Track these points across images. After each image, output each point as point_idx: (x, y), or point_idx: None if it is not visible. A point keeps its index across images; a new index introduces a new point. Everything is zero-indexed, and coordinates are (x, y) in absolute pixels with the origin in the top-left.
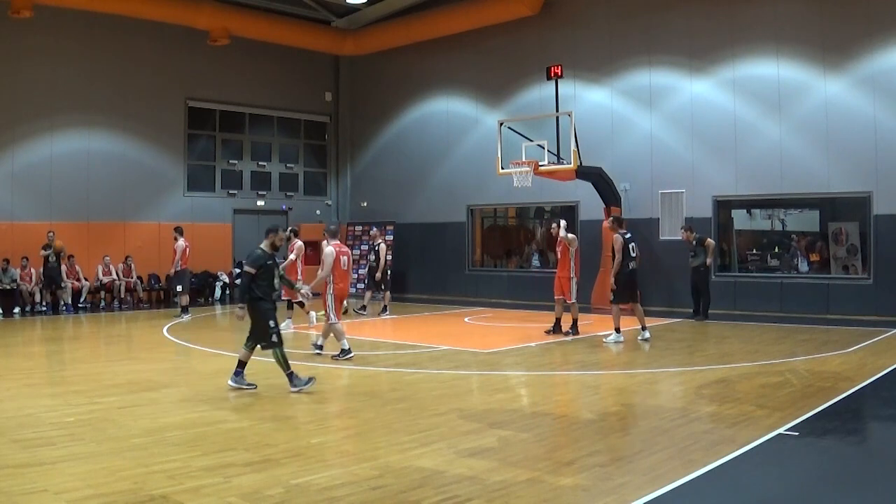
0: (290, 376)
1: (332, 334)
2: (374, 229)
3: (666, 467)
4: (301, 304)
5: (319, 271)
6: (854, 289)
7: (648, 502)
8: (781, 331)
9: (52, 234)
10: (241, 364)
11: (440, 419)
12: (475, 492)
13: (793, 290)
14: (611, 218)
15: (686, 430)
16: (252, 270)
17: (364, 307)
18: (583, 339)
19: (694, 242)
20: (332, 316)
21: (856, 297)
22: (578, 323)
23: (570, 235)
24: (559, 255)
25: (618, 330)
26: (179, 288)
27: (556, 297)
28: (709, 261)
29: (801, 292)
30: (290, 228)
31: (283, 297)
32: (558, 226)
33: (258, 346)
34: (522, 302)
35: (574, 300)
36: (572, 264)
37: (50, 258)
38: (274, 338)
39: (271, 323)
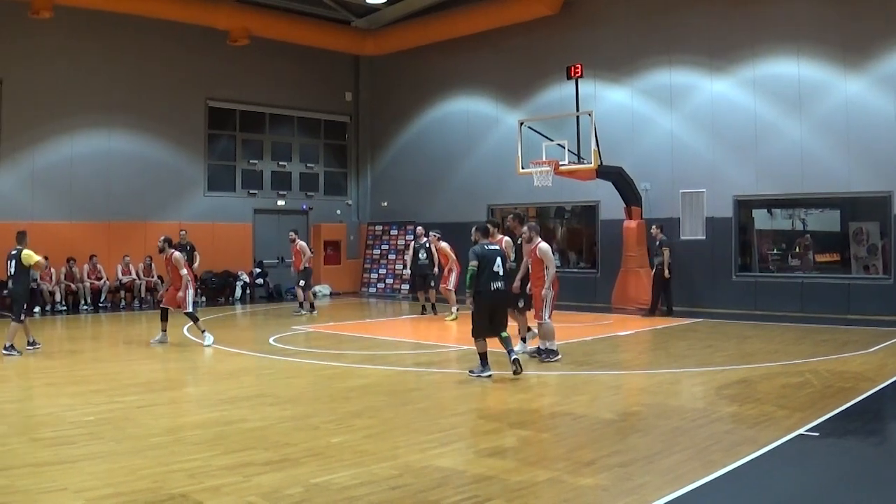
0: (484, 357)
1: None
2: (427, 233)
3: (686, 468)
4: (195, 318)
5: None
6: (875, 289)
7: (669, 503)
8: (802, 331)
9: (184, 232)
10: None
11: (460, 419)
12: (495, 492)
13: (813, 290)
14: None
15: (706, 430)
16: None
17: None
18: (603, 339)
19: (658, 243)
20: (544, 316)
21: (876, 296)
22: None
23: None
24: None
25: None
26: (302, 283)
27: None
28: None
29: (821, 292)
30: (163, 238)
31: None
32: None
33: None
34: None
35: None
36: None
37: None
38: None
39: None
